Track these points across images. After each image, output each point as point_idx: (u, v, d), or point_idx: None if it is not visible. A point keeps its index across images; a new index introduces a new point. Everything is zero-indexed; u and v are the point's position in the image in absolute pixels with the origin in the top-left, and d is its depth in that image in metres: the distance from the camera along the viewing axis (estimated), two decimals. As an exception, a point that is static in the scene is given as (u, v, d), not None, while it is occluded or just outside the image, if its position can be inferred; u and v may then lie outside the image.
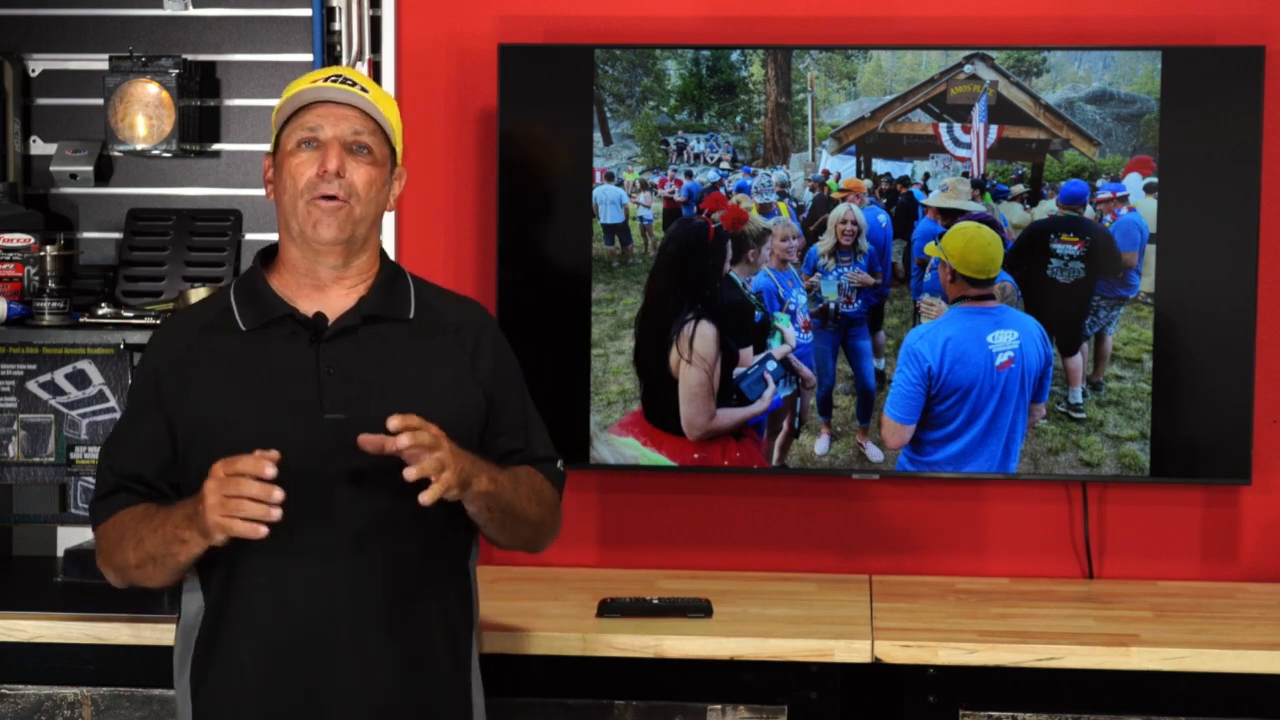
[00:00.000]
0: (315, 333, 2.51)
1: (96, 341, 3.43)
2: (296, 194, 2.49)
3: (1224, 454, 3.36)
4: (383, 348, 2.52)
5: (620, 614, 3.07)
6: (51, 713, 3.05)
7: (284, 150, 2.52)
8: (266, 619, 2.47)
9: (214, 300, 2.63)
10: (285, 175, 2.50)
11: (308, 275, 2.54)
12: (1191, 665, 2.92)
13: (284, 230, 2.55)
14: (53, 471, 3.54)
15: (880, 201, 3.38)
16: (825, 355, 3.41)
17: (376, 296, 2.55)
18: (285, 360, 2.50)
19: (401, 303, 2.57)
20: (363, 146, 2.50)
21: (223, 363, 2.51)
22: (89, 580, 3.29)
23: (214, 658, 2.50)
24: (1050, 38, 3.41)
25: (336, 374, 2.48)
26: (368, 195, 2.50)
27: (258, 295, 2.55)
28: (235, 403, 2.48)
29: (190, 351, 2.52)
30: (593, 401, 3.43)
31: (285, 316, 2.52)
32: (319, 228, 2.48)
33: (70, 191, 3.56)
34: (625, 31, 3.48)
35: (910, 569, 3.51)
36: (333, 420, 2.44)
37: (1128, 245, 3.34)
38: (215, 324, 2.54)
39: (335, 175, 2.47)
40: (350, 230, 2.49)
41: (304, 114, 2.50)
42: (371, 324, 2.53)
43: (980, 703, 2.96)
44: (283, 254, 2.57)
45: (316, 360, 2.49)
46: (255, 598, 2.47)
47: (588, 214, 3.43)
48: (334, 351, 2.50)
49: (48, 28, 3.55)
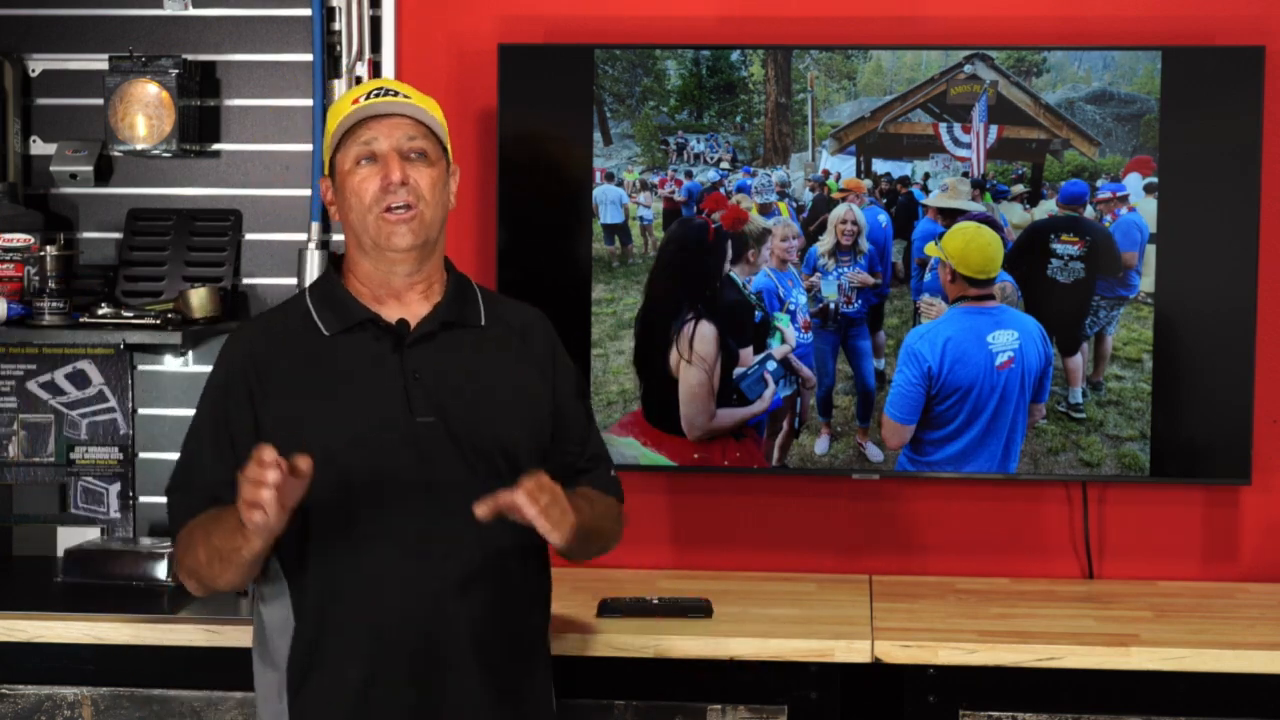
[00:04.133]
0: (398, 338, 2.54)
1: (96, 341, 3.43)
2: (365, 210, 2.53)
3: (1224, 454, 3.36)
4: (461, 353, 2.57)
5: (620, 614, 3.07)
6: (51, 713, 3.05)
7: (342, 170, 2.56)
8: (367, 623, 2.48)
9: (289, 307, 2.65)
10: (349, 194, 2.54)
11: (383, 285, 2.58)
12: (1191, 665, 2.92)
13: (354, 246, 2.59)
14: (53, 471, 3.54)
15: (880, 201, 3.39)
16: (825, 355, 3.41)
17: (452, 304, 2.60)
18: (369, 364, 2.53)
19: (473, 309, 2.63)
20: (419, 152, 2.56)
21: (306, 365, 2.53)
22: (89, 580, 3.29)
23: (311, 668, 2.50)
24: (1050, 38, 3.41)
25: (423, 378, 2.51)
26: (434, 198, 2.56)
27: (337, 301, 2.58)
28: (320, 405, 2.50)
29: (271, 355, 2.55)
30: (593, 401, 3.43)
31: (367, 321, 2.56)
32: (394, 238, 2.52)
33: (70, 191, 3.56)
34: (625, 31, 3.48)
35: (910, 569, 3.51)
36: (424, 424, 2.49)
37: (1128, 245, 3.34)
38: (295, 329, 2.57)
39: (400, 184, 2.51)
40: (424, 235, 2.55)
41: (355, 132, 2.55)
42: (449, 330, 2.58)
43: (980, 703, 2.96)
44: (354, 267, 2.60)
45: (401, 365, 2.52)
46: (354, 602, 2.48)
47: (588, 214, 3.43)
48: (417, 356, 2.54)
49: (48, 28, 3.55)
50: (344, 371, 2.53)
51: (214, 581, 2.50)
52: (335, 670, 2.49)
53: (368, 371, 2.53)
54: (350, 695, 2.48)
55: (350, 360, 2.54)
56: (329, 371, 2.53)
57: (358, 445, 2.46)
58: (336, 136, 2.56)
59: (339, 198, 2.58)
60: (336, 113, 2.59)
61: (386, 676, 2.48)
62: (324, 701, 2.50)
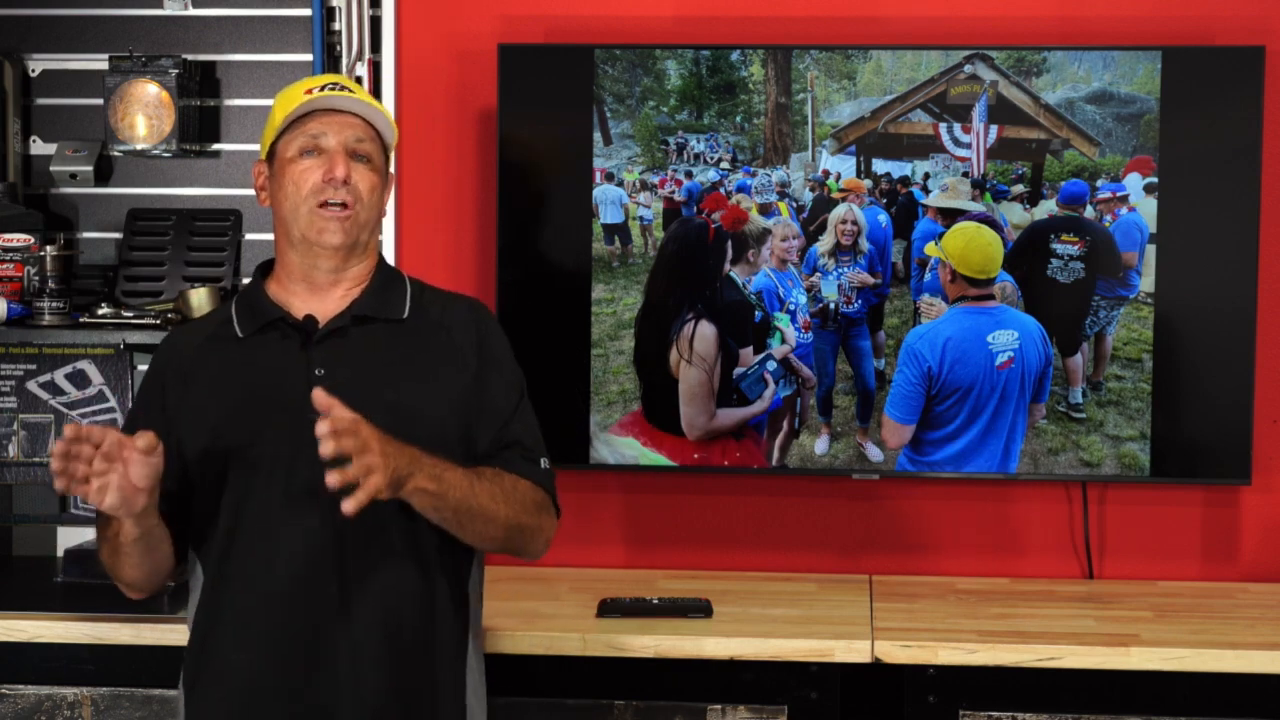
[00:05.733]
0: (306, 335, 2.53)
1: (96, 341, 3.43)
2: (299, 200, 2.51)
3: (1224, 454, 3.35)
4: (373, 349, 2.54)
5: (620, 614, 3.07)
6: (51, 713, 3.05)
7: (283, 157, 2.54)
8: (255, 619, 2.48)
9: (216, 313, 2.69)
10: (287, 182, 2.52)
11: (304, 280, 2.56)
12: (1191, 665, 2.92)
13: (282, 236, 2.57)
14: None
15: (880, 201, 3.38)
16: (825, 355, 3.41)
17: (369, 298, 2.57)
18: (276, 363, 2.53)
19: (395, 304, 2.59)
20: (364, 155, 2.54)
21: (220, 370, 2.55)
22: (89, 580, 3.29)
23: (206, 658, 2.52)
24: (1050, 38, 3.41)
25: (326, 375, 2.49)
26: (370, 201, 2.54)
27: (254, 303, 2.58)
28: (228, 408, 2.51)
29: (192, 363, 2.57)
30: (593, 401, 3.43)
31: (277, 320, 2.55)
32: (324, 234, 2.51)
33: (70, 191, 3.56)
34: (625, 31, 3.48)
35: (910, 569, 3.51)
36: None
37: (1128, 245, 3.34)
38: (216, 334, 2.59)
39: (343, 182, 2.49)
40: (355, 235, 2.53)
41: (304, 122, 2.53)
42: (362, 325, 2.55)
43: (980, 703, 2.96)
44: (280, 260, 2.60)
45: (307, 362, 2.51)
46: (242, 599, 2.49)
47: (588, 214, 3.43)
48: (324, 353, 2.52)
49: (48, 28, 3.55)
50: (251, 370, 2.53)
51: (119, 573, 2.52)
52: (224, 657, 2.50)
53: (273, 369, 2.52)
54: (239, 682, 2.48)
55: (259, 359, 2.54)
56: (238, 374, 2.53)
57: (253, 445, 2.47)
58: (284, 124, 2.53)
59: (274, 185, 2.55)
60: (287, 100, 2.55)
61: (271, 665, 2.47)
62: (216, 690, 2.50)
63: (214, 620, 2.51)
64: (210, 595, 2.52)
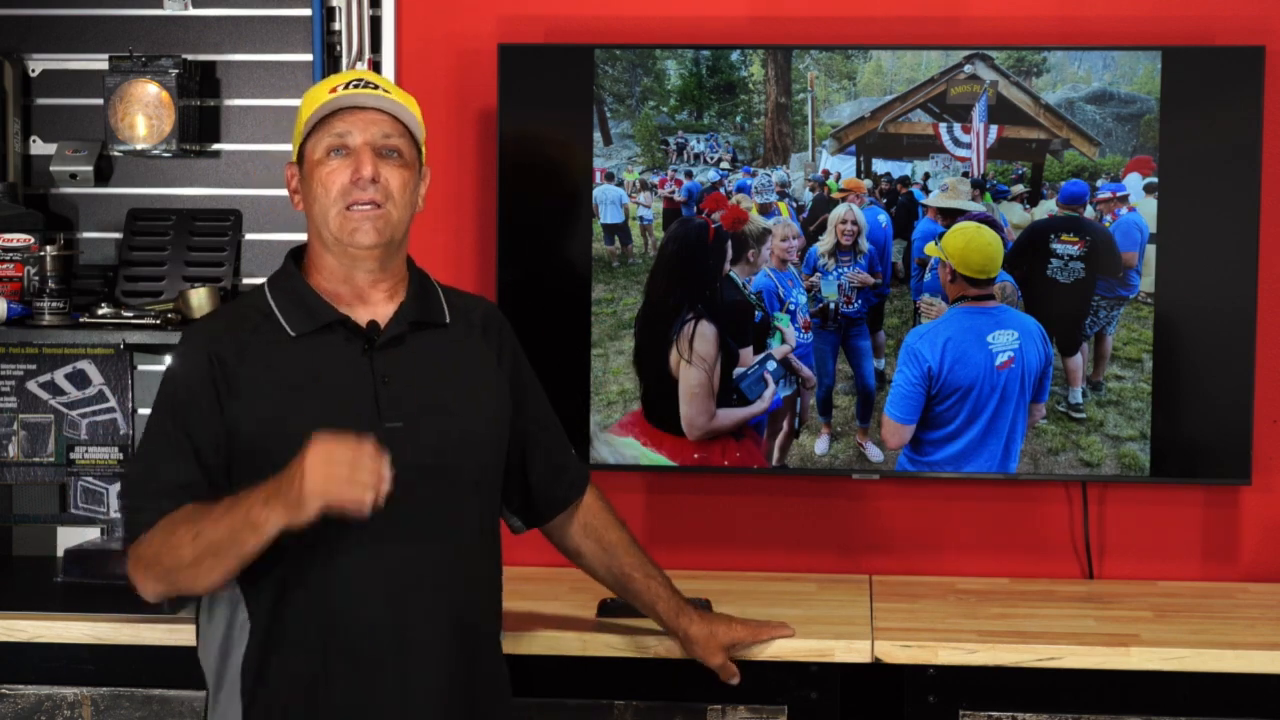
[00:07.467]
0: (368, 340, 2.51)
1: (96, 341, 3.43)
2: (329, 202, 2.48)
3: (1224, 454, 3.35)
4: (429, 354, 2.55)
5: (620, 614, 3.07)
6: (51, 713, 3.05)
7: (311, 159, 2.51)
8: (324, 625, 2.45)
9: (247, 304, 2.58)
10: (316, 184, 2.49)
11: (345, 282, 2.53)
12: (1191, 665, 2.92)
13: (316, 239, 2.54)
14: (53, 471, 3.54)
15: (880, 201, 3.38)
16: (825, 355, 3.41)
17: (417, 302, 2.57)
18: (340, 367, 2.50)
19: (437, 307, 2.60)
20: (393, 150, 2.51)
21: (275, 367, 2.48)
22: (89, 580, 3.29)
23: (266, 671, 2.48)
24: (1050, 38, 3.41)
25: (392, 382, 2.49)
26: (402, 198, 2.51)
27: (302, 299, 2.53)
28: (292, 408, 2.45)
29: (236, 357, 2.48)
30: (593, 401, 3.43)
31: (336, 323, 2.51)
32: (357, 234, 2.48)
33: (70, 191, 3.56)
34: (625, 31, 3.48)
35: (910, 569, 3.51)
36: (392, 429, 2.44)
37: (1128, 245, 3.34)
38: (259, 328, 2.51)
39: (371, 181, 2.47)
40: (389, 234, 2.50)
41: (330, 121, 2.50)
42: (416, 331, 2.55)
43: (980, 703, 2.96)
44: (316, 260, 2.55)
45: (371, 368, 2.49)
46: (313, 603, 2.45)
47: (588, 214, 3.43)
48: (386, 360, 2.51)
49: (48, 28, 3.55)
50: (314, 373, 2.48)
51: (195, 581, 2.40)
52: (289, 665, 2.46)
53: (338, 374, 2.49)
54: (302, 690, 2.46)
55: (319, 362, 2.49)
56: (298, 373, 2.48)
57: None
58: (310, 124, 2.51)
59: (304, 187, 2.52)
60: (312, 99, 2.53)
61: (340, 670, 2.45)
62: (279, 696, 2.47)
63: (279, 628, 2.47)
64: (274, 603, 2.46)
